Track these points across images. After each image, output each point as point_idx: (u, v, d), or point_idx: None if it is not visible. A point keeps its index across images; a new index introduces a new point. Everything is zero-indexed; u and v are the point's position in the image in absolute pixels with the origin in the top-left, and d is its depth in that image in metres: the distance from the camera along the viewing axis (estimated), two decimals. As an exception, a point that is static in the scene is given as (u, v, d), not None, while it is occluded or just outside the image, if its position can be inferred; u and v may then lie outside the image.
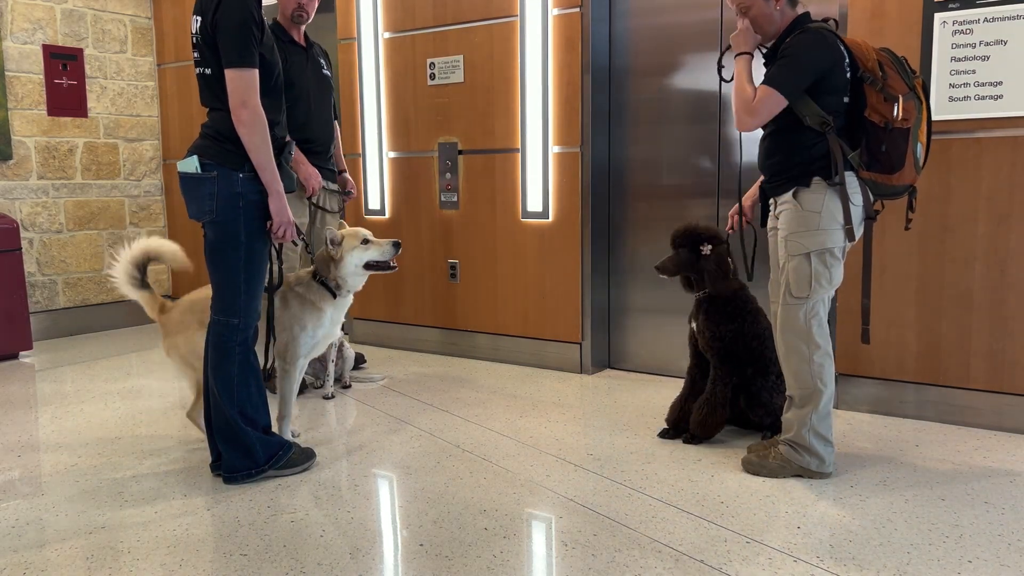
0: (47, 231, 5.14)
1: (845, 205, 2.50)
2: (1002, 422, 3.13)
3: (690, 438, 3.02)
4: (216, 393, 2.60)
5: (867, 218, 2.57)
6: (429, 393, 3.80)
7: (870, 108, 2.46)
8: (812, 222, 2.54)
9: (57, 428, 3.34)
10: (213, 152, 2.50)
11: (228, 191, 2.50)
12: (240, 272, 2.56)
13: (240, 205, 2.51)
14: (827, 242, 2.53)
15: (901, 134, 2.46)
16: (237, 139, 2.49)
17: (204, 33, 2.47)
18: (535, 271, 4.21)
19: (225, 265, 2.55)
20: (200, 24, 2.48)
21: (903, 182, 2.53)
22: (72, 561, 2.17)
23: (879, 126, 2.45)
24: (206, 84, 2.54)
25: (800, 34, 2.51)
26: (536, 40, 4.05)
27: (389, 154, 4.65)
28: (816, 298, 2.58)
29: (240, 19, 2.40)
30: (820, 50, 2.46)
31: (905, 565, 2.09)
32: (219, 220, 2.51)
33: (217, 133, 2.52)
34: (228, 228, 2.52)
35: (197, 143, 2.56)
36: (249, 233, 2.54)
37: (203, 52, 2.51)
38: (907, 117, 2.45)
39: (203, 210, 2.52)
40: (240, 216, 2.52)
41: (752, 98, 2.50)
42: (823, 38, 2.47)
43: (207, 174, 2.50)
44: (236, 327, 2.58)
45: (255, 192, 2.53)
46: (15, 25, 4.90)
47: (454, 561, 2.14)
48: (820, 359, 2.59)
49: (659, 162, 3.98)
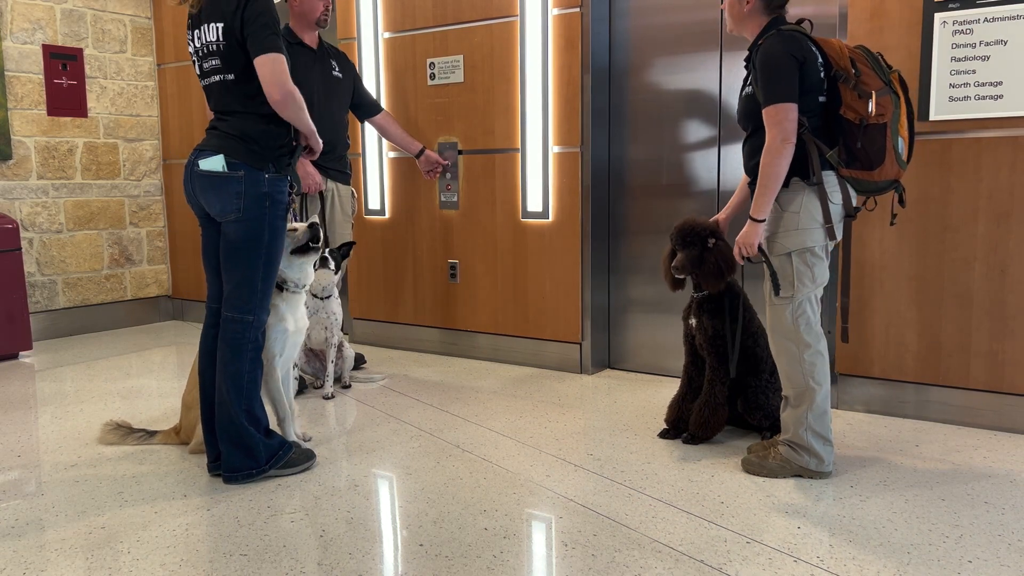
0: (47, 231, 5.14)
1: (824, 204, 2.51)
2: (1002, 422, 3.13)
3: (690, 438, 3.02)
4: (224, 391, 2.61)
5: (847, 216, 2.57)
6: (429, 393, 3.80)
7: (845, 106, 2.46)
8: (791, 222, 2.55)
9: (57, 428, 3.34)
10: (240, 152, 2.55)
11: (255, 190, 2.56)
12: (259, 270, 2.61)
13: (267, 205, 2.58)
14: (807, 241, 2.54)
15: (878, 130, 2.46)
16: (263, 139, 2.57)
17: (228, 37, 2.52)
18: (535, 271, 4.21)
19: (246, 263, 2.60)
20: (222, 29, 2.52)
21: (885, 178, 2.52)
22: (72, 561, 2.17)
23: (854, 123, 2.46)
24: (226, 89, 2.58)
25: (765, 41, 2.52)
26: (536, 40, 4.05)
27: (389, 154, 4.65)
28: (801, 297, 2.58)
29: (270, 15, 2.52)
30: (785, 49, 2.46)
31: (905, 565, 2.09)
32: (245, 219, 2.56)
33: (243, 134, 2.56)
34: (253, 227, 2.58)
35: (217, 143, 2.59)
36: (272, 232, 2.61)
37: (223, 59, 2.55)
38: (882, 112, 2.44)
39: (229, 209, 2.57)
40: (265, 215, 2.58)
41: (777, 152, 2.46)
42: (787, 40, 2.48)
43: (234, 173, 2.55)
44: (251, 324, 2.62)
45: (279, 192, 2.60)
46: (15, 25, 4.90)
47: (454, 561, 2.14)
48: (811, 358, 2.59)
49: (659, 162, 3.98)
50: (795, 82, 2.46)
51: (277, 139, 2.62)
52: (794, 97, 2.46)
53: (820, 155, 2.50)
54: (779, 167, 2.47)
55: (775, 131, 2.47)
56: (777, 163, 2.47)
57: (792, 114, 2.46)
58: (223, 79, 2.58)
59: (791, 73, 2.46)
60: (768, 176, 2.49)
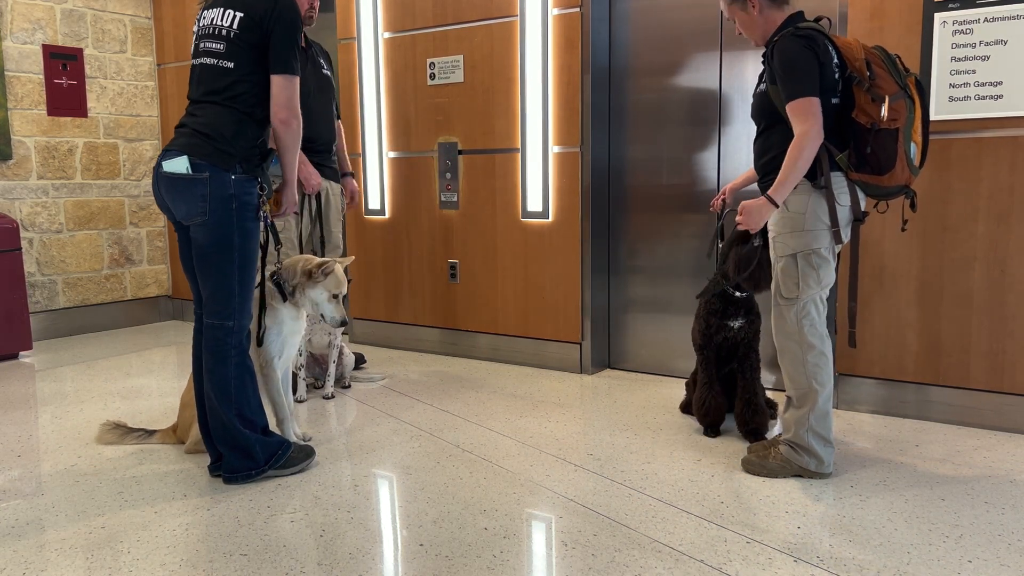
0: (47, 231, 5.13)
1: (831, 206, 2.48)
2: (1002, 422, 3.13)
3: (752, 435, 3.04)
4: (213, 397, 2.58)
5: (855, 220, 2.55)
6: (429, 393, 3.80)
7: (857, 108, 2.42)
8: (797, 223, 2.53)
9: (57, 428, 3.34)
10: (204, 151, 2.46)
11: (221, 192, 2.46)
12: (234, 275, 2.52)
13: (233, 207, 2.48)
14: (812, 243, 2.52)
15: (889, 135, 2.42)
16: (232, 138, 2.48)
17: (246, 31, 2.47)
18: (535, 271, 4.21)
19: (218, 269, 2.51)
20: (242, 20, 2.47)
21: (895, 183, 2.48)
22: (72, 561, 2.17)
23: (865, 127, 2.41)
24: (216, 75, 2.51)
25: (782, 38, 2.48)
26: (536, 40, 4.05)
27: (389, 154, 4.65)
28: (805, 298, 2.57)
29: (295, 28, 2.49)
30: (803, 44, 2.43)
31: (905, 565, 2.09)
32: (211, 222, 2.47)
33: (211, 130, 2.48)
34: (221, 231, 2.48)
35: (183, 142, 2.50)
36: (242, 235, 2.51)
37: (231, 46, 2.49)
38: (895, 118, 2.41)
39: (194, 212, 2.48)
40: (233, 218, 2.48)
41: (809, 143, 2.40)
42: (804, 37, 2.44)
43: (198, 175, 2.45)
44: (231, 329, 2.56)
45: (247, 193, 2.50)
46: (15, 25, 4.90)
47: (454, 561, 2.14)
48: (815, 359, 2.58)
49: (659, 162, 3.98)
50: (816, 76, 2.41)
51: (250, 138, 2.53)
52: (816, 91, 2.41)
53: (830, 157, 2.47)
54: (806, 157, 2.41)
55: (811, 121, 2.40)
56: (806, 153, 2.41)
57: (819, 107, 2.41)
58: (218, 64, 2.50)
59: (812, 67, 2.41)
60: (795, 161, 2.41)
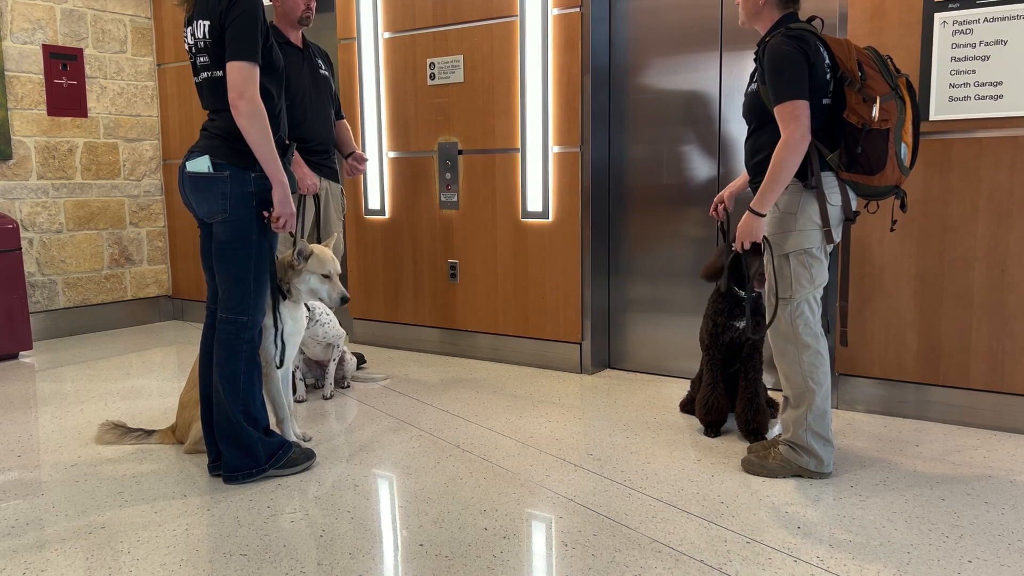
0: (47, 231, 5.13)
1: (822, 206, 2.49)
2: (1002, 422, 3.13)
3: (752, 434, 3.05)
4: (221, 391, 2.61)
5: (846, 219, 2.55)
6: (429, 393, 3.80)
7: (848, 109, 2.43)
8: (789, 223, 2.54)
9: (57, 428, 3.34)
10: (224, 152, 2.55)
11: (241, 190, 2.55)
12: (251, 270, 2.60)
13: (253, 204, 2.57)
14: (804, 243, 2.53)
15: (880, 135, 2.43)
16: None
17: (214, 35, 2.51)
18: (535, 271, 4.21)
19: (236, 264, 2.59)
20: (209, 27, 2.51)
21: (885, 183, 2.49)
22: (72, 561, 2.17)
23: (856, 127, 2.43)
24: (213, 87, 2.58)
25: (773, 38, 2.49)
26: (536, 40, 4.05)
27: (389, 154, 4.65)
28: (799, 298, 2.58)
29: (250, 17, 2.48)
30: (793, 46, 2.44)
31: (905, 565, 2.09)
32: (232, 219, 2.56)
33: (227, 134, 2.56)
34: (241, 227, 2.57)
35: (204, 143, 2.59)
36: (261, 231, 2.60)
37: (212, 55, 2.54)
38: (886, 118, 2.42)
39: (216, 210, 2.57)
40: (252, 215, 2.57)
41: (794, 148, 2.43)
42: (795, 38, 2.45)
43: (219, 173, 2.54)
44: (245, 324, 2.61)
45: (266, 191, 2.58)
46: (15, 25, 4.90)
47: (454, 561, 2.14)
48: (810, 359, 2.59)
49: (659, 162, 3.98)
50: (805, 79, 2.43)
51: None
52: (805, 94, 2.43)
53: (820, 157, 2.48)
54: (792, 163, 2.44)
55: (794, 126, 2.42)
56: (791, 158, 2.43)
57: (806, 110, 2.43)
58: (211, 75, 2.57)
59: (801, 70, 2.43)
60: (779, 169, 2.45)
